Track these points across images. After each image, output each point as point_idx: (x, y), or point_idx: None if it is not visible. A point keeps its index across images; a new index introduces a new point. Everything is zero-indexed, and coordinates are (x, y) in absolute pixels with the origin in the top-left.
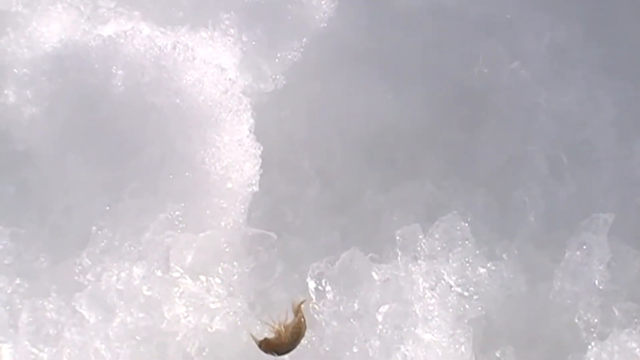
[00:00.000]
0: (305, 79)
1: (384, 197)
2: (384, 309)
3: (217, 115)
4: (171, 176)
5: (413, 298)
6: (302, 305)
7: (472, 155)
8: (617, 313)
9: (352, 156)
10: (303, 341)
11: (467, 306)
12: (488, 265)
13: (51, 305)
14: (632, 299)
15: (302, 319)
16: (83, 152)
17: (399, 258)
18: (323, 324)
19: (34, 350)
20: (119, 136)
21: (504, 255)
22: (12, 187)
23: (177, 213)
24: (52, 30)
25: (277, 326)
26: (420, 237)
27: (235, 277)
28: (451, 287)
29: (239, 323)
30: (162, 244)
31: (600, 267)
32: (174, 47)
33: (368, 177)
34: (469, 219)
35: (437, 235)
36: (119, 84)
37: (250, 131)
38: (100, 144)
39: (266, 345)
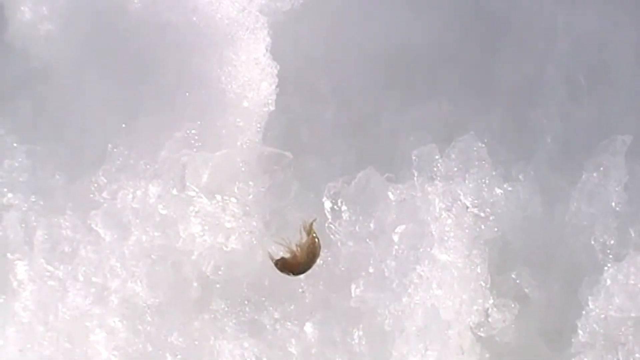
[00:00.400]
0: None
1: (400, 117)
2: (400, 229)
3: (234, 34)
4: (187, 94)
5: (429, 218)
6: (313, 225)
7: (490, 76)
8: (633, 235)
9: (370, 76)
10: (318, 261)
11: (483, 227)
12: (504, 186)
13: (67, 223)
14: None
15: (316, 239)
16: (99, 69)
17: (415, 178)
18: (339, 244)
19: (49, 267)
20: (135, 54)
21: (520, 177)
22: (28, 104)
23: (193, 131)
24: None
25: (292, 246)
26: (437, 157)
27: (251, 196)
28: (467, 207)
29: (255, 242)
30: (178, 163)
31: (617, 189)
32: None
33: (385, 97)
34: (485, 140)
35: (453, 156)
36: (136, 0)
37: (267, 50)
38: (116, 61)
39: (282, 265)
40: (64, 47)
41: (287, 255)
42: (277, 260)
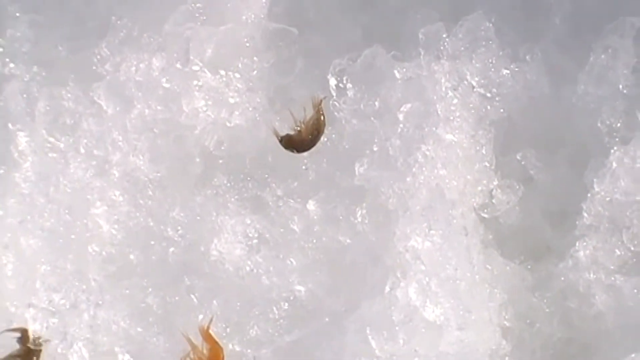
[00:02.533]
0: None
1: None
2: (405, 107)
3: None
4: None
5: (435, 98)
6: (322, 102)
7: None
8: None
9: None
10: (322, 138)
11: (489, 107)
12: (511, 66)
13: (69, 95)
14: None
15: (322, 116)
16: None
17: (421, 57)
18: (343, 121)
19: (51, 139)
20: None
21: (527, 57)
22: None
23: (198, 5)
24: None
25: (297, 122)
26: (444, 36)
27: (255, 72)
28: (473, 87)
29: (258, 118)
30: (182, 36)
31: (625, 71)
32: None
33: None
34: (493, 20)
35: (460, 35)
36: None
37: None
38: None
39: (287, 142)
40: None
41: (292, 132)
42: (282, 136)
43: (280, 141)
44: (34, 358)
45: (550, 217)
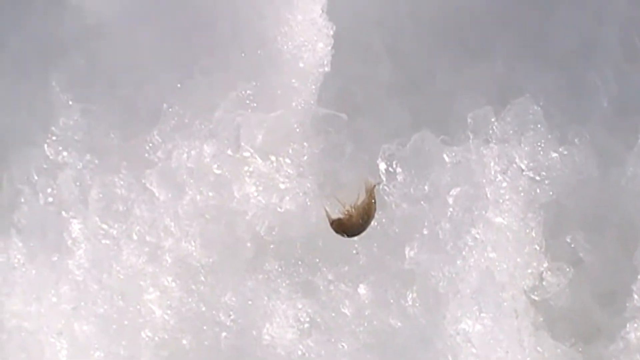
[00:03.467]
0: None
1: (455, 79)
2: (454, 191)
3: None
4: (243, 54)
5: (484, 181)
6: (376, 188)
7: (545, 36)
8: None
9: (424, 36)
10: (372, 223)
11: (538, 190)
12: (560, 149)
13: (121, 182)
14: None
15: (373, 201)
16: (154, 26)
17: (470, 141)
18: (393, 205)
19: (104, 226)
20: (190, 11)
21: (576, 140)
22: (83, 61)
23: (249, 92)
24: None
25: (347, 207)
26: (492, 119)
27: (305, 157)
28: (522, 170)
29: (308, 203)
30: (232, 123)
31: None
32: None
33: (439, 57)
34: (541, 103)
35: (509, 119)
36: None
37: (322, 10)
38: (172, 18)
39: (337, 226)
40: (118, 3)
41: (343, 216)
42: (334, 220)
43: (331, 224)
44: None
45: (600, 298)
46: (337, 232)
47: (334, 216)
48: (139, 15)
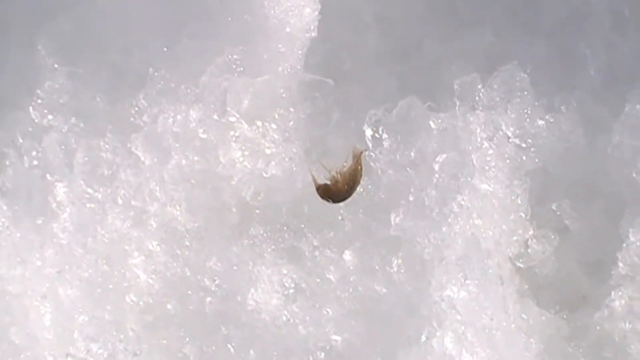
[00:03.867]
0: None
1: (443, 46)
2: (440, 158)
3: None
4: (230, 19)
5: (470, 148)
6: (363, 154)
7: (534, 5)
8: None
9: (413, 3)
10: (358, 189)
11: (524, 157)
12: (546, 117)
13: (107, 146)
14: None
15: (360, 167)
16: None
17: (457, 108)
18: (379, 172)
19: (89, 190)
20: None
21: (562, 108)
22: (70, 25)
23: (235, 57)
24: None
25: (333, 173)
26: (479, 87)
27: (292, 123)
28: (509, 138)
29: (294, 169)
30: (219, 88)
31: None
32: None
33: (428, 25)
34: (528, 70)
35: (495, 86)
36: None
37: None
38: None
39: (324, 192)
40: None
41: (329, 182)
42: (320, 185)
43: (318, 190)
44: None
45: (585, 267)
46: (322, 197)
47: (320, 182)
48: None
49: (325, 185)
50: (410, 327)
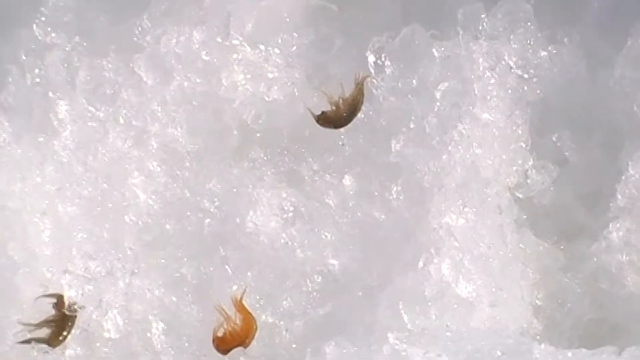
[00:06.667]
0: None
1: None
2: (442, 86)
3: None
4: None
5: (472, 77)
6: (366, 81)
7: None
8: None
9: None
10: (359, 115)
11: (526, 88)
12: (549, 48)
13: (109, 65)
14: None
15: (362, 93)
16: None
17: (460, 36)
18: (381, 98)
19: (91, 108)
20: None
21: (565, 40)
22: None
23: None
24: None
25: (335, 98)
26: (483, 16)
27: (294, 48)
28: (511, 68)
29: (296, 94)
30: (223, 10)
31: None
32: None
33: None
34: (532, 1)
35: (499, 16)
36: None
37: None
38: None
39: (324, 120)
40: None
41: (329, 109)
42: (319, 115)
43: (317, 120)
44: (69, 324)
45: (584, 198)
46: (322, 125)
47: (321, 108)
48: None
49: (324, 113)
50: (407, 253)
